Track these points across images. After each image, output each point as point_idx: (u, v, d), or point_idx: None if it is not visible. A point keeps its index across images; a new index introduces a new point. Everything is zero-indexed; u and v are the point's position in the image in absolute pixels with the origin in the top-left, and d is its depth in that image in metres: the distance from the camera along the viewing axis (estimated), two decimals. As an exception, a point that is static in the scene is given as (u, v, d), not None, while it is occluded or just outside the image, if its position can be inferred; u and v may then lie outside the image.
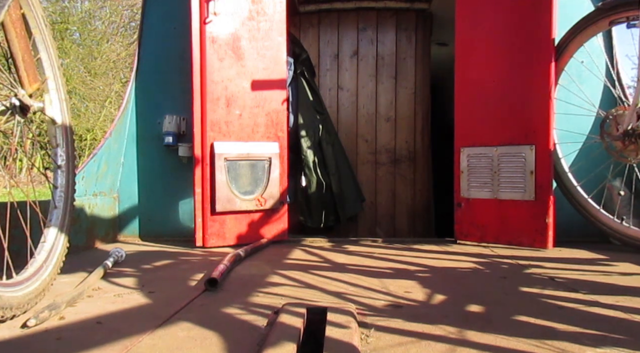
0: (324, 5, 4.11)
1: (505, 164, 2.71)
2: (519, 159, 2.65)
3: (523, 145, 2.63)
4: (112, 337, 1.21)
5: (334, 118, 4.02)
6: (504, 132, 2.71)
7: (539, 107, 2.57)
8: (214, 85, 2.71)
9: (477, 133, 2.83)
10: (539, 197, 2.57)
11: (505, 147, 2.70)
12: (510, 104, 2.68)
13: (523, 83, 2.63)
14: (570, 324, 1.31)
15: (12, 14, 1.50)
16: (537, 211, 2.58)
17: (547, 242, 2.55)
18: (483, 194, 2.80)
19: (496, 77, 2.74)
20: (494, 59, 2.75)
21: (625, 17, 2.41)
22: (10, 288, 1.34)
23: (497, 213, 2.74)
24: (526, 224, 2.63)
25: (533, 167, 2.59)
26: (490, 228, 2.77)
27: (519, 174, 2.65)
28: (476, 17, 2.82)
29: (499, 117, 2.72)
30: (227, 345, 1.15)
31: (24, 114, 1.52)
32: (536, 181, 2.58)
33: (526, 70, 2.62)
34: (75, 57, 9.55)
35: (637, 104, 2.35)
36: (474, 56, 2.84)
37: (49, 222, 1.70)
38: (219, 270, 1.84)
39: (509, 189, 2.69)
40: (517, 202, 2.65)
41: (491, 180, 2.76)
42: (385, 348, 1.15)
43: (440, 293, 1.66)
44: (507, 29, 2.69)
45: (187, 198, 2.99)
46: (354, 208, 3.81)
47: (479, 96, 2.82)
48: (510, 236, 2.69)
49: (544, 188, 2.56)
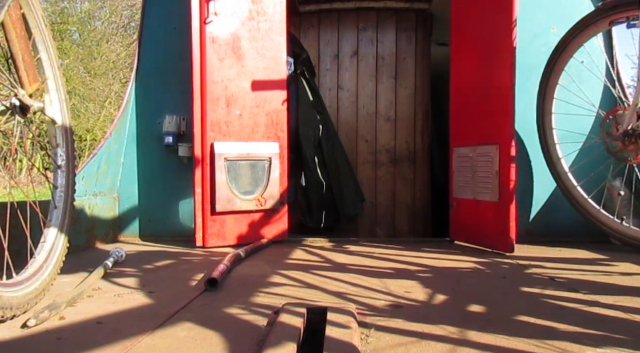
0: (324, 5, 4.11)
1: (479, 164, 2.67)
2: (488, 158, 2.60)
3: (490, 144, 2.58)
4: (112, 337, 1.20)
5: (334, 118, 4.02)
6: (480, 132, 2.69)
7: (502, 108, 2.51)
8: (214, 85, 2.71)
9: (464, 133, 2.84)
10: (502, 198, 2.49)
11: (480, 147, 2.67)
12: (483, 105, 2.67)
13: (491, 85, 2.60)
14: (571, 324, 1.31)
15: (12, 14, 1.50)
16: (500, 213, 2.50)
17: (507, 245, 2.45)
18: (466, 194, 2.80)
19: (475, 79, 2.75)
20: (474, 63, 2.77)
21: (625, 17, 2.41)
22: (10, 288, 1.34)
23: (475, 214, 2.72)
24: (492, 225, 2.57)
25: (497, 167, 2.52)
26: (471, 228, 2.77)
27: (488, 174, 2.59)
28: (463, 24, 2.86)
29: (477, 118, 2.72)
30: (228, 345, 1.15)
31: (24, 114, 1.52)
32: (500, 181, 2.50)
33: (493, 73, 2.60)
34: (75, 58, 9.55)
35: (637, 103, 2.35)
36: (462, 60, 2.87)
37: (49, 222, 1.70)
38: (219, 270, 1.84)
39: (482, 190, 2.65)
40: (488, 203, 2.60)
41: (471, 180, 2.74)
42: (385, 348, 1.15)
43: (441, 293, 1.66)
44: (481, 35, 2.70)
45: (187, 198, 2.99)
46: (354, 208, 3.81)
47: (465, 97, 2.84)
48: (484, 237, 2.66)
49: (506, 189, 2.47)
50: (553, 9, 3.05)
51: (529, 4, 3.04)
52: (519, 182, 2.98)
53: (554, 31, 2.99)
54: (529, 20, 3.04)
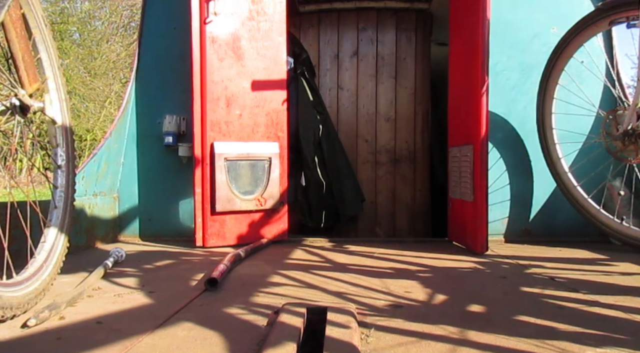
0: (324, 5, 4.11)
1: (463, 164, 2.69)
2: (467, 158, 2.62)
3: (468, 145, 2.60)
4: (112, 337, 1.20)
5: (334, 118, 4.02)
6: (463, 133, 2.71)
7: (475, 108, 2.51)
8: (214, 85, 2.71)
9: (456, 133, 2.86)
10: (476, 198, 2.50)
11: (464, 147, 2.69)
12: (465, 106, 2.68)
13: (469, 85, 2.61)
14: (571, 324, 1.31)
15: (12, 14, 1.50)
16: (475, 213, 2.50)
17: (477, 245, 2.47)
18: (456, 194, 2.81)
19: (464, 80, 2.76)
20: (464, 63, 2.78)
21: (625, 17, 2.41)
22: (10, 288, 1.34)
23: (461, 214, 2.73)
24: (469, 225, 2.59)
25: (472, 167, 2.53)
26: (460, 228, 2.77)
27: (468, 174, 2.61)
28: (458, 25, 2.87)
29: (463, 118, 2.73)
30: (228, 345, 1.15)
31: (24, 114, 1.52)
32: (474, 181, 2.52)
33: (470, 73, 2.60)
34: (75, 58, 9.55)
35: (637, 103, 2.35)
36: (457, 60, 2.88)
37: (49, 222, 1.70)
38: (219, 270, 1.84)
39: (464, 189, 2.66)
40: (466, 202, 2.62)
41: (458, 179, 2.76)
42: (385, 348, 1.15)
43: (441, 293, 1.66)
44: (467, 35, 2.71)
45: (187, 198, 2.99)
46: (354, 208, 3.81)
47: (457, 98, 2.85)
48: (466, 237, 2.67)
49: (480, 188, 2.48)
50: (553, 9, 3.05)
51: (529, 4, 3.05)
52: (518, 183, 3.00)
53: (554, 31, 2.99)
54: (528, 20, 3.04)
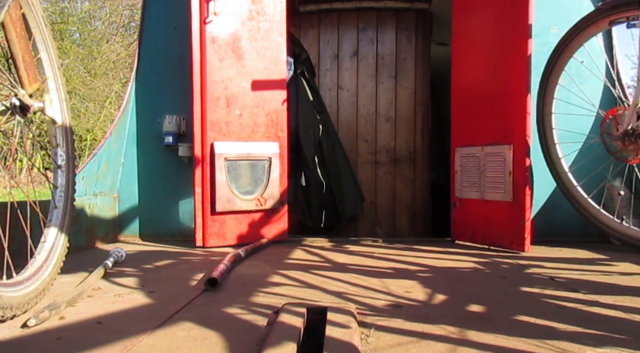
0: (324, 5, 4.11)
1: (489, 164, 2.68)
2: (500, 158, 2.61)
3: (503, 144, 2.60)
4: (112, 337, 1.20)
5: (334, 118, 4.02)
6: (489, 131, 2.70)
7: (517, 107, 2.53)
8: (214, 85, 2.71)
9: (468, 133, 2.84)
10: (516, 198, 2.52)
11: (489, 147, 2.68)
12: (493, 104, 2.68)
13: (503, 84, 2.61)
14: (571, 324, 1.31)
15: (12, 14, 1.50)
16: (514, 212, 2.52)
17: (523, 245, 2.49)
18: (472, 194, 2.80)
19: (482, 78, 2.75)
20: (480, 62, 2.77)
21: (625, 17, 2.41)
22: (10, 288, 1.34)
23: (484, 214, 2.72)
24: (506, 225, 2.59)
25: (511, 167, 2.55)
26: (478, 228, 2.77)
27: (500, 174, 2.61)
28: (466, 24, 2.85)
29: (485, 117, 2.72)
30: (227, 345, 1.15)
31: (24, 114, 1.52)
32: (514, 182, 2.53)
33: (505, 72, 2.61)
34: (75, 58, 9.54)
35: (637, 103, 2.35)
36: (466, 58, 2.86)
37: (49, 222, 1.70)
38: (219, 270, 1.84)
39: (493, 190, 2.66)
40: (499, 203, 2.62)
41: (478, 180, 2.75)
42: (385, 348, 1.15)
43: (441, 293, 1.66)
44: (489, 33, 2.71)
45: (187, 198, 2.99)
46: (354, 208, 3.81)
47: (469, 97, 2.83)
48: (494, 237, 2.67)
49: (520, 189, 2.51)
50: (553, 9, 3.05)
51: (529, 4, 3.04)
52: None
53: (554, 31, 2.98)
54: (529, 20, 3.04)
